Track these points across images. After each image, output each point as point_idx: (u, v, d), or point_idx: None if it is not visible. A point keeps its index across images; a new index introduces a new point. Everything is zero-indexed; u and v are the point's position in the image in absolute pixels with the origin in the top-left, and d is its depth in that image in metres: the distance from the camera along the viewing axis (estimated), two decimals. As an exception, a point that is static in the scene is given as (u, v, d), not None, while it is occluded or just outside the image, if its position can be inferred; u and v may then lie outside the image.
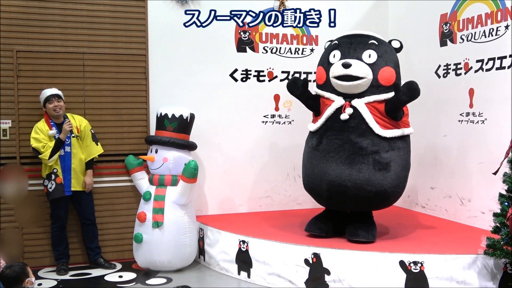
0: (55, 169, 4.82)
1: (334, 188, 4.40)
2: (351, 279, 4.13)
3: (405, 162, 4.55)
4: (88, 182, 4.99)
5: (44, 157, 4.74)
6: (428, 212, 5.66)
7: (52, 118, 4.88)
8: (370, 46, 4.48)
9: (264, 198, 5.94)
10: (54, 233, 4.94)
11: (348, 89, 4.44)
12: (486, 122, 4.86)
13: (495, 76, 4.73)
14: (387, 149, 4.38)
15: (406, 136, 4.60)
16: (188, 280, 4.70)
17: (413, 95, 4.29)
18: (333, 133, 4.49)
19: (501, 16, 4.67)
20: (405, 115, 4.57)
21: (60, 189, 4.83)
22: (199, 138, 5.37)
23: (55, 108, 4.83)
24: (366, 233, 4.44)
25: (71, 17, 5.15)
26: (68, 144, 4.88)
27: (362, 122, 4.39)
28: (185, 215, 4.94)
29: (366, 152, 4.35)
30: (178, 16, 5.48)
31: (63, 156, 4.86)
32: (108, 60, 5.28)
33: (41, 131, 4.79)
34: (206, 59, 5.62)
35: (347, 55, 4.47)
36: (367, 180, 4.32)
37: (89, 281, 4.77)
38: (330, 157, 4.44)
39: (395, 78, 4.47)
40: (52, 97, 4.83)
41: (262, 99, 5.85)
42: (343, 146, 4.41)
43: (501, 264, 3.92)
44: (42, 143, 4.75)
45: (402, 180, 4.50)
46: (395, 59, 4.60)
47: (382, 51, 4.50)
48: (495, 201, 3.90)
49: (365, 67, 4.40)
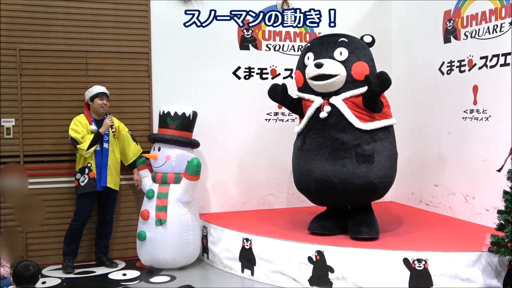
0: (89, 163, 4.86)
1: (322, 185, 4.48)
2: (354, 276, 4.13)
3: (390, 153, 4.57)
4: (139, 178, 5.16)
5: (82, 147, 4.76)
6: (432, 209, 5.64)
7: (94, 115, 4.94)
8: (340, 44, 4.54)
9: (268, 195, 5.94)
10: (73, 229, 4.92)
11: (324, 88, 4.51)
12: (490, 119, 4.84)
13: (499, 73, 4.71)
14: (369, 141, 4.43)
15: (389, 126, 4.62)
16: (191, 278, 4.70)
17: (385, 85, 4.33)
18: (314, 132, 4.58)
19: (505, 13, 4.65)
20: (385, 106, 4.59)
21: (93, 183, 4.87)
22: (202, 136, 5.38)
23: (103, 105, 4.92)
24: (368, 229, 4.45)
25: (74, 15, 5.16)
26: (107, 141, 4.93)
27: (341, 118, 4.46)
28: (188, 213, 4.94)
29: (348, 146, 4.41)
30: (181, 14, 5.48)
31: (100, 152, 4.90)
32: (111, 58, 5.29)
33: (80, 124, 4.85)
34: (209, 57, 5.62)
35: (320, 55, 4.56)
36: (352, 173, 4.37)
37: (93, 279, 4.78)
38: (314, 156, 4.53)
39: (368, 71, 4.50)
40: (103, 94, 4.93)
41: (265, 97, 5.80)
42: (325, 144, 4.49)
43: (506, 262, 3.91)
44: (81, 134, 4.79)
45: (388, 170, 4.52)
46: (368, 53, 4.64)
47: (353, 47, 4.55)
48: (499, 198, 3.88)
49: (337, 64, 4.46)
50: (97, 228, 5.15)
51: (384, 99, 4.59)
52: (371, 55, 4.67)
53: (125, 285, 4.58)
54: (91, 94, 4.93)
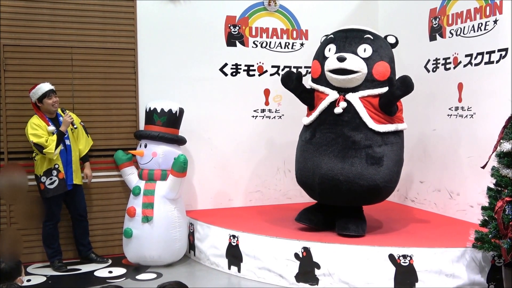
0: (56, 164, 4.71)
1: (327, 181, 4.40)
2: (341, 272, 4.15)
3: (398, 158, 4.55)
4: (90, 173, 5.02)
5: (50, 150, 4.58)
6: (418, 206, 5.69)
7: (47, 114, 4.78)
8: (365, 41, 4.48)
9: (255, 192, 5.94)
10: (48, 230, 4.85)
11: (343, 83, 4.44)
12: (474, 116, 4.88)
13: (483, 71, 4.76)
14: (380, 143, 4.39)
15: (400, 131, 4.61)
16: (178, 275, 4.69)
17: (407, 90, 4.29)
18: (326, 126, 4.49)
19: (489, 11, 4.69)
20: (399, 110, 4.58)
21: (63, 184, 4.75)
22: (189, 132, 5.36)
23: (54, 104, 4.76)
24: (356, 227, 4.45)
25: (59, 10, 5.10)
26: (67, 138, 4.82)
27: (355, 116, 4.40)
28: (175, 210, 4.93)
29: (359, 146, 4.35)
30: (168, 10, 5.45)
31: (64, 150, 4.78)
32: (97, 54, 5.23)
33: (39, 127, 4.65)
34: (195, 53, 5.60)
35: (342, 49, 4.47)
36: (360, 174, 4.32)
37: (79, 276, 4.74)
38: (323, 151, 4.44)
39: (389, 72, 4.47)
40: (51, 92, 4.74)
41: (252, 94, 5.84)
42: (336, 140, 4.41)
43: (489, 257, 3.96)
44: (44, 138, 4.59)
45: (394, 175, 4.50)
46: (390, 54, 4.60)
47: (377, 46, 4.50)
48: (484, 194, 3.92)
49: (360, 61, 4.40)
50: (75, 227, 5.03)
51: (399, 103, 4.55)
52: (393, 57, 4.61)
53: (111, 283, 4.56)
54: (38, 95, 4.70)
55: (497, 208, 3.62)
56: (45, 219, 4.82)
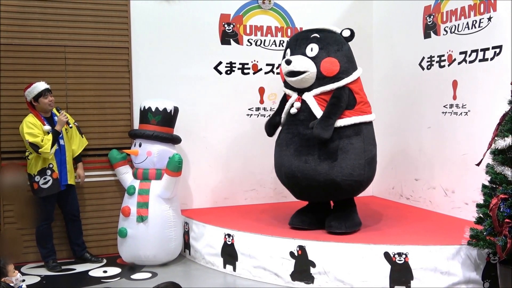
0: (50, 164, 4.69)
1: (290, 179, 4.60)
2: (336, 271, 4.15)
3: (360, 150, 4.50)
4: (82, 174, 5.00)
5: (45, 150, 4.56)
6: (413, 203, 5.69)
7: (42, 113, 4.75)
8: (311, 40, 4.56)
9: (250, 191, 5.93)
10: (42, 231, 4.82)
11: (297, 84, 4.56)
12: (469, 113, 4.89)
13: (478, 68, 4.76)
14: (334, 138, 4.40)
15: (361, 123, 4.55)
16: (173, 274, 4.68)
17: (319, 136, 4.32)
18: (287, 127, 4.67)
19: (484, 8, 4.69)
20: (359, 103, 4.57)
21: (57, 184, 4.73)
22: (184, 131, 5.34)
23: (49, 103, 4.73)
24: (339, 224, 4.49)
25: (52, 9, 5.07)
26: (62, 137, 4.79)
27: (311, 115, 4.49)
28: (170, 209, 4.91)
29: (312, 143, 4.45)
30: (162, 8, 5.43)
31: (59, 150, 4.76)
32: (91, 53, 5.20)
33: (35, 126, 4.62)
34: (190, 51, 5.58)
35: (294, 51, 4.61)
36: (314, 170, 4.42)
37: (73, 276, 4.72)
38: (284, 150, 4.62)
39: (338, 67, 4.49)
40: (46, 91, 4.72)
41: (246, 92, 5.83)
42: (292, 139, 4.56)
43: (484, 255, 3.96)
44: (40, 137, 4.57)
45: (356, 168, 4.46)
46: (343, 48, 4.58)
47: (324, 43, 4.54)
48: (479, 192, 3.92)
49: (306, 61, 4.48)
50: (68, 228, 5.01)
51: (359, 95, 4.58)
52: (347, 50, 4.62)
53: (106, 282, 4.54)
54: (33, 94, 4.67)
55: (492, 206, 3.62)
56: (39, 220, 4.78)
